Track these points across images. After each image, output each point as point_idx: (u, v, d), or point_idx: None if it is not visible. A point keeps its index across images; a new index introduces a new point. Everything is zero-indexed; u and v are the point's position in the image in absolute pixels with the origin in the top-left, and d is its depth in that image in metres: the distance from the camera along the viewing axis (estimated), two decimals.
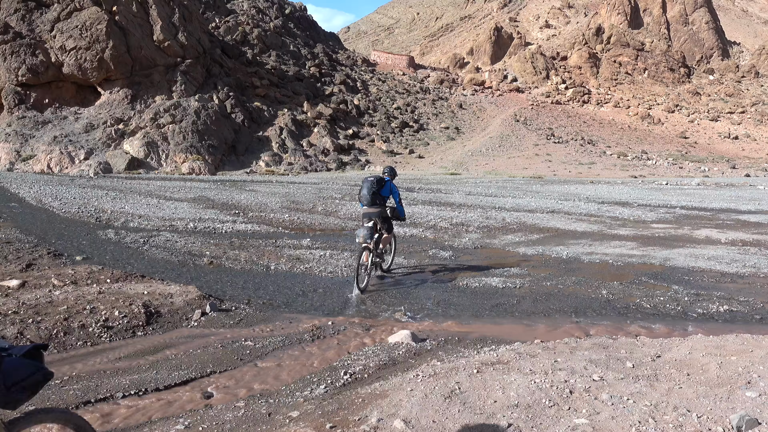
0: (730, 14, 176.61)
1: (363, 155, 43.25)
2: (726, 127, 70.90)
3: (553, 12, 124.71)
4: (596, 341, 6.32)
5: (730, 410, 4.37)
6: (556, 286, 9.23)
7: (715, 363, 5.39)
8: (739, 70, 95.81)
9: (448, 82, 73.24)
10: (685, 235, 14.34)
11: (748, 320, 7.86)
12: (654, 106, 76.75)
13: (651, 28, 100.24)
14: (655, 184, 31.60)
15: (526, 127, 57.40)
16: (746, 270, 10.63)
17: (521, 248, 12.29)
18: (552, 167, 41.93)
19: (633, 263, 11.06)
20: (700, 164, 49.55)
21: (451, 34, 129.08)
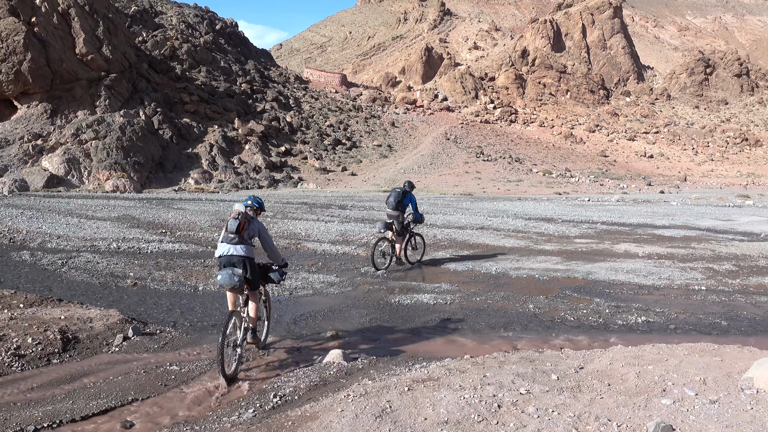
0: (644, 40, 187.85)
1: (296, 172, 42.95)
2: (642, 146, 74.96)
3: (481, 34, 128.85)
4: (524, 355, 6.49)
5: (647, 418, 4.58)
6: (486, 302, 9.43)
7: (634, 372, 5.64)
8: (653, 93, 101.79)
9: (380, 101, 74.08)
10: (606, 250, 14.99)
11: (663, 330, 8.27)
12: (576, 125, 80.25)
13: (572, 52, 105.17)
14: (578, 201, 32.96)
15: (457, 146, 58.70)
16: (661, 282, 11.21)
17: (452, 264, 12.49)
18: (481, 184, 43.00)
19: (558, 277, 11.46)
20: (619, 181, 52.10)
21: (383, 53, 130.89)
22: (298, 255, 12.94)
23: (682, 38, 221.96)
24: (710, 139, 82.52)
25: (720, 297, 10.19)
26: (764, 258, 14.29)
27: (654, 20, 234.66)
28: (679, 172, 63.23)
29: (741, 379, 5.30)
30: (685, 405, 4.78)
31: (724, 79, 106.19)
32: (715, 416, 4.52)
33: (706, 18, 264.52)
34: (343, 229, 16.58)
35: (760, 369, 5.20)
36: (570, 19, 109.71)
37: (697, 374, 5.53)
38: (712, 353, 6.48)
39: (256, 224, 6.41)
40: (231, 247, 6.16)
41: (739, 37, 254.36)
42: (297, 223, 17.24)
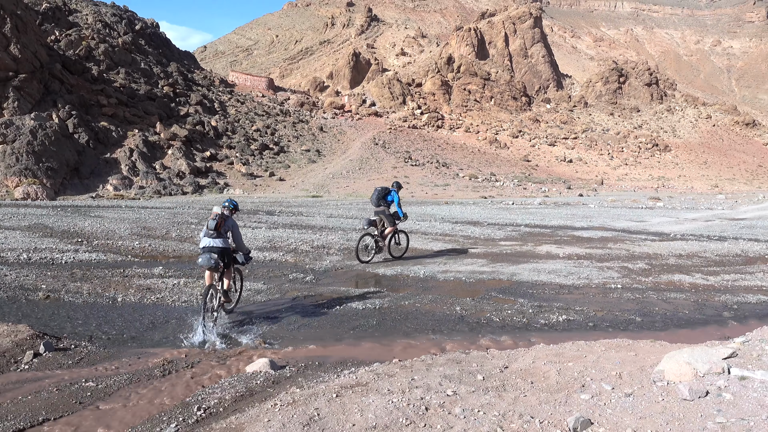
0: (562, 50, 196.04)
1: (221, 178, 41.94)
2: (562, 151, 78.07)
3: (407, 41, 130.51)
4: (451, 356, 6.59)
5: (567, 413, 4.73)
6: (414, 305, 9.52)
7: (555, 370, 5.83)
8: (571, 100, 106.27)
9: (308, 105, 73.62)
10: (529, 251, 15.49)
11: (583, 328, 8.62)
12: (500, 131, 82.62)
13: (496, 60, 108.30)
14: (503, 204, 33.91)
15: (385, 150, 59.13)
16: (581, 281, 11.68)
17: (381, 269, 12.54)
18: (410, 189, 43.47)
19: (484, 279, 11.72)
20: (541, 185, 54.03)
21: (310, 58, 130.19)
22: None
23: (597, 49, 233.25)
24: (624, 144, 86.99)
25: (634, 294, 10.73)
26: (674, 256, 15.17)
27: (571, 31, 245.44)
28: (597, 176, 66.24)
29: (653, 372, 5.58)
30: (603, 399, 4.98)
31: (636, 88, 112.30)
32: (630, 409, 4.74)
33: (619, 30, 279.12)
34: (271, 235, 16.32)
35: (669, 362, 5.49)
36: (493, 28, 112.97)
37: (614, 369, 5.78)
38: (627, 348, 6.80)
39: (231, 222, 8.25)
40: (211, 240, 8.01)
41: (649, 48, 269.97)
42: None
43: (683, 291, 11.18)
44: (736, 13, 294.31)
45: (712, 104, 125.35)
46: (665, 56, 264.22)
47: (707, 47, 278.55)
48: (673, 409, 4.67)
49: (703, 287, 11.54)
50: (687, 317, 9.36)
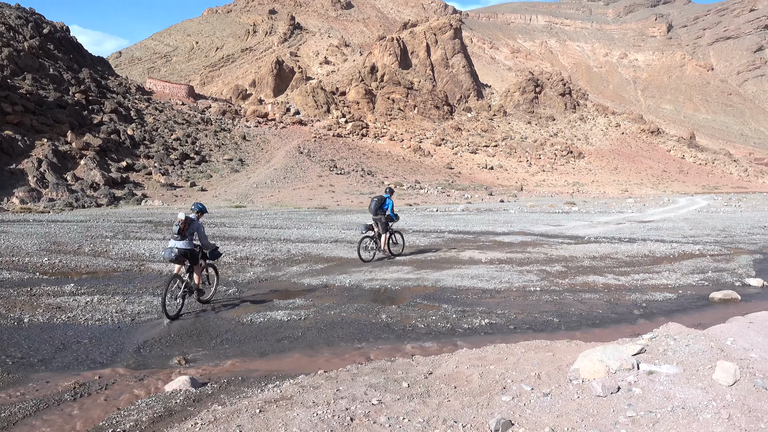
0: (482, 60, 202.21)
1: (139, 189, 40.34)
2: (483, 159, 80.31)
3: (331, 49, 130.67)
4: (376, 365, 6.60)
5: (489, 416, 4.84)
6: (340, 315, 9.48)
7: (478, 373, 5.95)
8: (491, 109, 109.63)
9: (230, 114, 72.15)
10: (453, 257, 15.79)
11: (504, 331, 8.85)
12: (424, 139, 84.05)
13: (418, 70, 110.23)
14: (427, 211, 34.45)
15: (310, 159, 58.80)
16: (502, 285, 12.02)
17: (306, 279, 12.43)
18: (335, 197, 43.40)
19: (409, 286, 11.84)
20: (464, 192, 55.31)
21: (232, 65, 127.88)
22: (142, 278, 12.12)
23: (514, 59, 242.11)
24: (541, 151, 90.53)
25: (552, 296, 11.14)
26: (588, 258, 15.88)
27: (490, 42, 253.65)
28: (516, 182, 68.55)
29: (569, 371, 5.80)
30: (523, 400, 5.13)
31: (551, 97, 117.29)
32: (548, 408, 4.91)
33: (534, 42, 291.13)
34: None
35: (584, 361, 5.73)
36: (415, 38, 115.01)
37: (533, 370, 5.97)
38: (545, 349, 7.04)
39: (196, 224, 9.40)
40: (175, 243, 9.17)
41: (562, 60, 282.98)
42: (140, 243, 16.17)
43: (597, 291, 11.71)
44: (640, 28, 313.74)
45: (620, 113, 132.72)
46: (577, 67, 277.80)
47: (615, 59, 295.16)
48: (588, 406, 4.88)
49: (615, 287, 12.13)
50: (601, 316, 9.80)
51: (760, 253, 17.64)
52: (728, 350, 6.21)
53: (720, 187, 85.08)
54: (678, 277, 13.16)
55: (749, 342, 6.72)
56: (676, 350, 6.14)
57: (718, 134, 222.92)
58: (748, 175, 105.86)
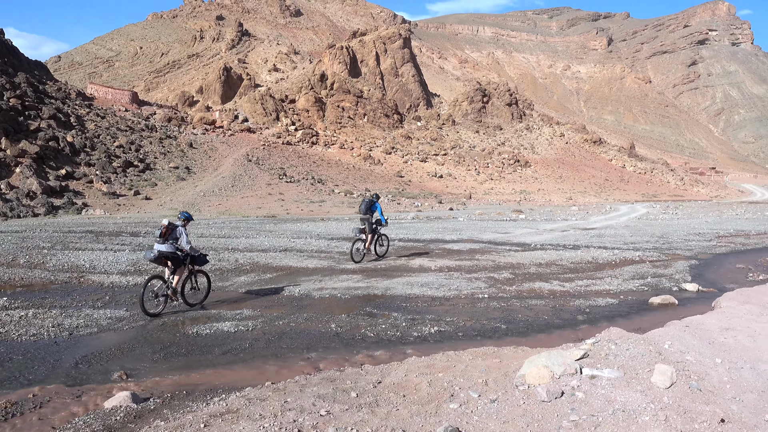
0: (430, 70, 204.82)
1: (80, 198, 38.91)
2: (433, 167, 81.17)
3: (280, 57, 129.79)
4: (325, 375, 6.54)
5: (437, 424, 4.87)
6: (289, 324, 9.37)
7: (426, 381, 5.98)
8: (440, 118, 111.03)
9: (176, 121, 70.61)
10: (403, 265, 15.85)
11: (453, 338, 8.93)
12: (374, 147, 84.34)
13: (368, 78, 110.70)
14: None
15: (259, 167, 58.10)
16: (451, 293, 12.13)
17: (255, 288, 12.24)
18: (285, 206, 42.97)
19: (359, 295, 11.81)
20: (414, 200, 55.72)
21: (178, 71, 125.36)
22: (81, 290, 11.67)
23: (462, 70, 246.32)
24: (489, 160, 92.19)
25: (500, 303, 11.32)
26: (535, 265, 16.23)
27: (439, 52, 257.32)
28: (465, 191, 69.53)
29: (516, 377, 5.90)
30: (470, 407, 5.18)
31: (498, 107, 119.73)
32: (495, 414, 4.97)
33: (482, 53, 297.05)
34: (135, 258, 15.36)
35: (530, 366, 5.84)
36: (365, 47, 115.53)
37: (480, 377, 6.04)
38: (492, 356, 7.14)
39: (179, 230, 10.08)
40: (158, 246, 9.90)
41: (509, 70, 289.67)
42: (80, 254, 15.58)
43: (543, 297, 11.97)
44: (582, 41, 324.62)
45: (564, 123, 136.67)
46: (523, 78, 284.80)
47: (559, 71, 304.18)
48: (533, 411, 4.96)
49: (560, 293, 12.43)
50: (546, 322, 10.02)
51: (696, 258, 18.42)
52: (666, 353, 6.44)
53: (658, 195, 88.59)
54: (619, 283, 13.59)
55: (685, 345, 6.99)
56: (617, 354, 6.33)
57: (656, 144, 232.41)
58: (684, 184, 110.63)
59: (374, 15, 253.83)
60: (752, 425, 4.76)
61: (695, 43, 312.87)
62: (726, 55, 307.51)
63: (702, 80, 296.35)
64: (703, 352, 6.76)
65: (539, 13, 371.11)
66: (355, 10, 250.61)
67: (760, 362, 6.59)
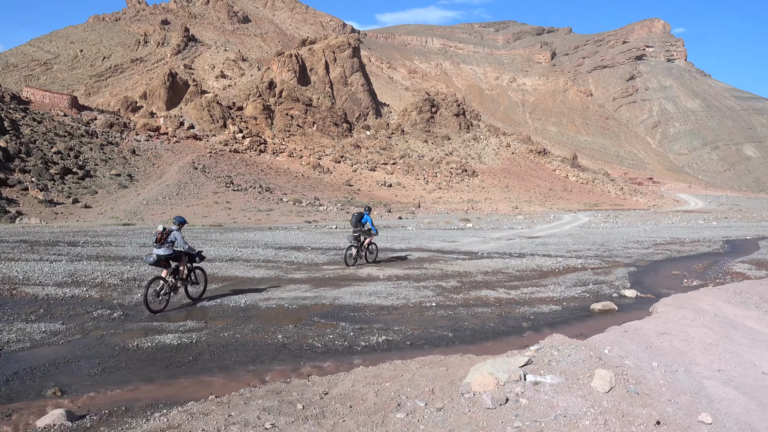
0: (380, 79, 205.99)
1: (13, 206, 37.20)
2: (382, 176, 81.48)
3: (228, 63, 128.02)
4: (271, 387, 6.44)
5: None
6: (234, 336, 9.19)
7: (373, 391, 5.96)
8: (389, 128, 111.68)
9: (118, 126, 68.52)
10: (351, 275, 15.81)
11: (401, 347, 8.94)
12: (323, 156, 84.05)
13: (317, 87, 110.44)
14: (326, 228, 34.36)
15: (205, 175, 56.99)
16: (399, 302, 12.17)
17: (201, 300, 11.95)
18: (232, 214, 42.25)
19: (307, 305, 11.70)
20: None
21: (121, 76, 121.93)
22: (13, 302, 11.13)
23: (411, 80, 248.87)
24: (438, 170, 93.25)
25: (447, 311, 11.42)
26: (481, 273, 16.47)
27: (388, 62, 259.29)
28: (414, 200, 70.07)
29: (462, 384, 5.95)
30: (417, 416, 5.19)
31: (446, 117, 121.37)
32: (441, 422, 4.99)
33: (430, 63, 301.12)
34: (73, 268, 14.77)
35: (475, 374, 5.91)
36: (314, 55, 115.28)
37: (427, 385, 6.07)
38: (439, 364, 7.19)
39: (175, 234, 11.08)
40: (156, 250, 10.92)
41: (457, 82, 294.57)
42: (12, 265, 14.87)
43: (489, 305, 12.15)
44: (527, 54, 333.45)
45: (510, 134, 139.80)
46: (470, 89, 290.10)
47: (505, 83, 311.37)
48: (478, 419, 5.02)
49: (505, 301, 12.65)
50: (492, 329, 10.17)
51: (634, 266, 19.09)
52: (606, 359, 6.63)
53: (599, 204, 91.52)
54: (563, 290, 13.94)
55: (624, 350, 7.22)
56: (560, 360, 6.47)
57: (597, 155, 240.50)
58: (624, 194, 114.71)
59: (324, 24, 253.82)
60: (686, 426, 4.94)
61: (633, 59, 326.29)
62: (662, 71, 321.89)
63: (640, 94, 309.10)
64: (641, 356, 7.00)
65: (486, 26, 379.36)
66: (304, 18, 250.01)
67: (693, 365, 6.87)
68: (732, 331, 8.85)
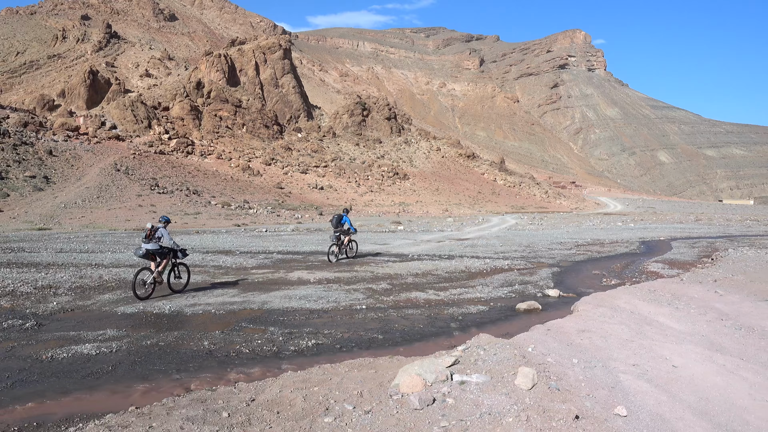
0: (311, 82, 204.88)
1: None
2: (313, 179, 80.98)
3: (153, 62, 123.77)
4: (195, 396, 6.25)
5: None
6: (157, 344, 8.87)
7: (301, 396, 5.89)
8: (321, 130, 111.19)
9: (34, 126, 64.88)
10: (281, 278, 15.61)
11: (331, 351, 8.89)
12: (253, 158, 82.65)
13: (247, 88, 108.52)
14: (256, 232, 33.78)
15: (129, 177, 54.81)
16: (329, 305, 12.11)
17: (120, 307, 11.46)
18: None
19: (235, 310, 11.45)
20: (294, 212, 55.18)
21: (36, 73, 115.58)
22: None
23: (343, 83, 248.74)
24: (369, 173, 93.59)
25: (377, 314, 11.46)
26: (412, 275, 16.63)
27: (320, 65, 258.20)
28: (346, 202, 69.99)
29: (390, 386, 5.98)
30: (345, 420, 5.17)
31: (378, 121, 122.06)
32: (369, 425, 4.99)
33: (362, 67, 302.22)
34: None
35: (403, 375, 5.95)
36: (244, 56, 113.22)
37: (356, 388, 6.06)
38: (369, 367, 7.20)
39: (161, 231, 12.41)
40: (145, 245, 12.18)
41: (388, 86, 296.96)
42: None
43: (419, 307, 12.28)
44: (457, 60, 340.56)
45: (441, 138, 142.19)
46: (402, 94, 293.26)
47: (435, 88, 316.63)
48: (406, 420, 5.05)
49: (435, 302, 12.82)
50: (422, 331, 10.28)
51: (558, 266, 19.81)
52: (529, 356, 6.84)
53: (526, 207, 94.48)
54: (490, 291, 14.28)
55: (547, 348, 7.47)
56: (486, 359, 6.62)
57: (524, 159, 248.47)
58: (549, 197, 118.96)
59: (254, 24, 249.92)
60: (603, 419, 5.16)
61: (557, 68, 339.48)
62: (583, 80, 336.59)
63: (563, 101, 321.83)
64: (563, 353, 7.26)
65: (417, 32, 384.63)
66: (233, 18, 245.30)
67: (610, 360, 7.19)
68: (646, 327, 9.33)
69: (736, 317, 10.55)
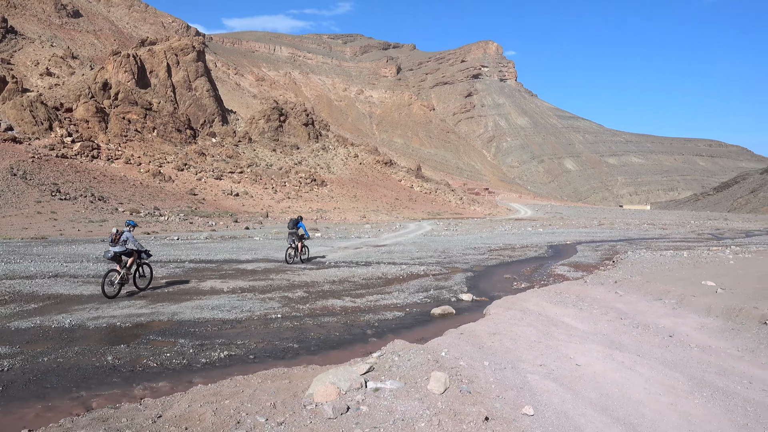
0: (227, 85, 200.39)
1: None
2: (229, 185, 79.06)
3: (54, 60, 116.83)
4: (97, 415, 5.93)
5: None
6: (56, 360, 8.33)
7: (212, 410, 5.70)
8: (236, 135, 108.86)
9: None
10: (193, 288, 15.09)
11: (244, 362, 8.67)
12: (164, 164, 79.64)
13: (158, 90, 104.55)
14: (168, 240, 32.53)
15: (26, 182, 51.33)
16: (243, 315, 11.83)
17: (14, 322, 10.67)
18: (58, 226, 38.46)
19: (142, 322, 10.95)
20: (208, 219, 53.58)
21: None
22: None
23: (259, 87, 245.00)
24: (287, 179, 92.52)
25: (293, 322, 11.31)
26: (328, 283, 16.55)
27: (235, 68, 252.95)
28: (262, 209, 68.79)
29: (304, 396, 5.90)
30: None
31: (295, 126, 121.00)
32: None
33: (279, 72, 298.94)
34: None
35: (317, 385, 5.89)
36: (154, 57, 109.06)
37: (269, 400, 5.93)
38: (282, 377, 7.08)
39: (126, 234, 13.51)
40: (112, 248, 13.39)
41: (306, 91, 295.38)
42: None
43: (335, 314, 12.23)
44: (374, 68, 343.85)
45: (358, 145, 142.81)
46: (319, 100, 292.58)
47: (353, 95, 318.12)
48: (320, 430, 5.00)
49: (351, 309, 12.81)
50: (338, 338, 10.24)
51: (471, 271, 20.35)
52: (442, 361, 6.95)
53: (441, 213, 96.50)
54: (406, 297, 14.45)
55: (460, 351, 7.63)
56: (400, 365, 6.67)
57: (440, 166, 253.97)
58: (463, 203, 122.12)
59: (165, 24, 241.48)
60: (511, 419, 5.32)
61: (471, 77, 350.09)
62: (495, 89, 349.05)
63: (476, 110, 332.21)
64: (474, 356, 7.45)
65: (334, 38, 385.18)
66: (143, 17, 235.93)
67: (519, 362, 7.45)
68: (553, 329, 9.73)
69: (633, 316, 11.22)
